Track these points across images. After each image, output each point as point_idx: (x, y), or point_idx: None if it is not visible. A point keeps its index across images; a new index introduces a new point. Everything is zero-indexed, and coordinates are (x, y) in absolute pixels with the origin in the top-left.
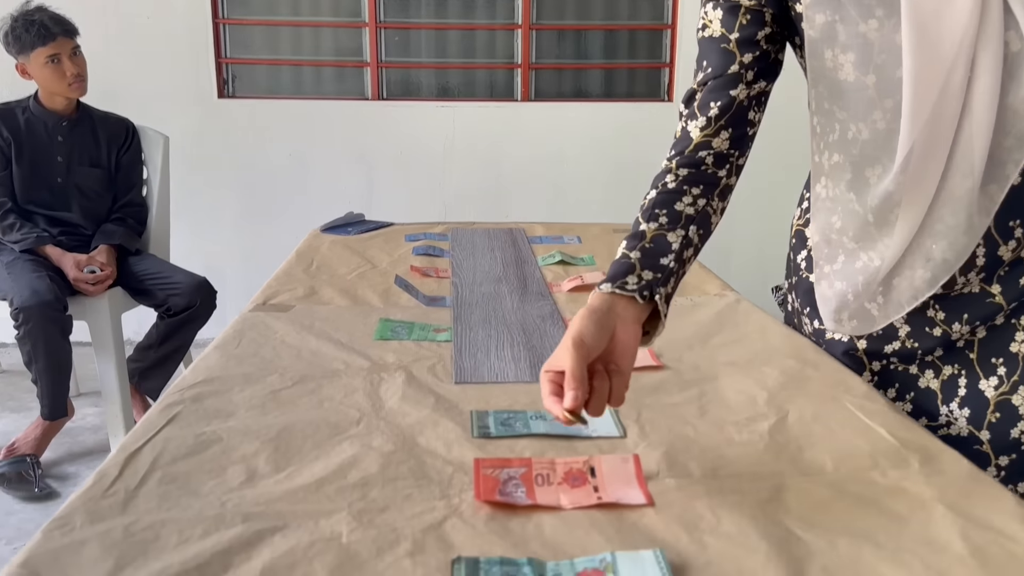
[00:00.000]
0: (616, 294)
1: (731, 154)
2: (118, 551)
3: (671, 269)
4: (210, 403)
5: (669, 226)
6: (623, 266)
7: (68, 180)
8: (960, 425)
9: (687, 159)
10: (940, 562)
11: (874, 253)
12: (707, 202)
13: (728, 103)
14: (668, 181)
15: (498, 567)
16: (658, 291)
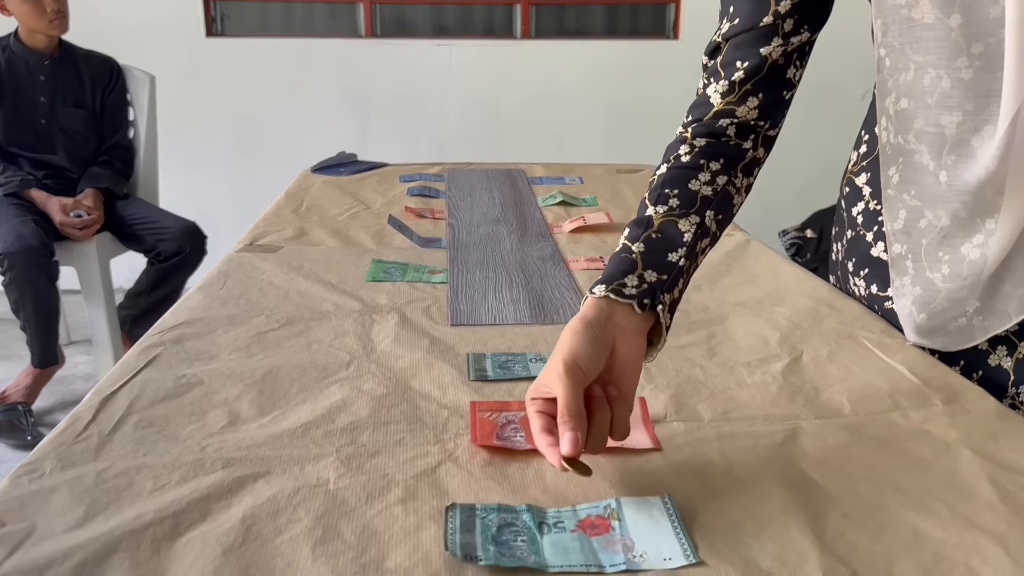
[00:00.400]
0: (612, 300)
1: (759, 125)
2: (89, 498)
3: (680, 268)
4: (192, 345)
5: (681, 210)
6: (622, 263)
7: (52, 121)
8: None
9: (705, 127)
10: (968, 508)
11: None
12: (728, 180)
13: (758, 64)
14: (682, 154)
15: (495, 514)
16: (661, 299)
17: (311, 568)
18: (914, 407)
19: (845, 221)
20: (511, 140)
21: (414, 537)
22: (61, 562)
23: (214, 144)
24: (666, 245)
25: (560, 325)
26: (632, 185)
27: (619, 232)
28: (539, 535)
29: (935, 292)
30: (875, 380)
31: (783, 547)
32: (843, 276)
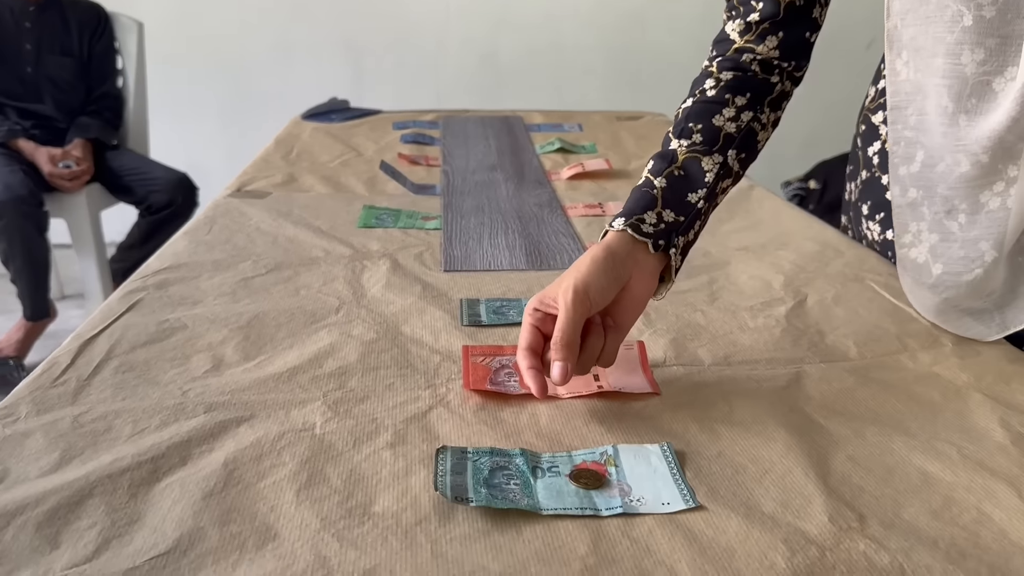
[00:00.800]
0: (631, 235)
1: (782, 65)
2: (65, 442)
3: (698, 210)
4: (175, 290)
5: (704, 146)
6: (643, 197)
7: (38, 70)
8: None
9: (729, 61)
10: (979, 452)
11: (996, 191)
12: (754, 115)
13: (773, 8)
14: (707, 87)
15: (487, 458)
16: (675, 241)
17: (295, 512)
18: (923, 349)
19: (860, 161)
20: (510, 88)
21: (403, 481)
22: (34, 507)
23: (205, 93)
24: (687, 184)
25: (557, 271)
26: (632, 132)
27: (618, 179)
28: (533, 479)
29: (952, 240)
30: (882, 322)
31: (786, 491)
32: (856, 218)
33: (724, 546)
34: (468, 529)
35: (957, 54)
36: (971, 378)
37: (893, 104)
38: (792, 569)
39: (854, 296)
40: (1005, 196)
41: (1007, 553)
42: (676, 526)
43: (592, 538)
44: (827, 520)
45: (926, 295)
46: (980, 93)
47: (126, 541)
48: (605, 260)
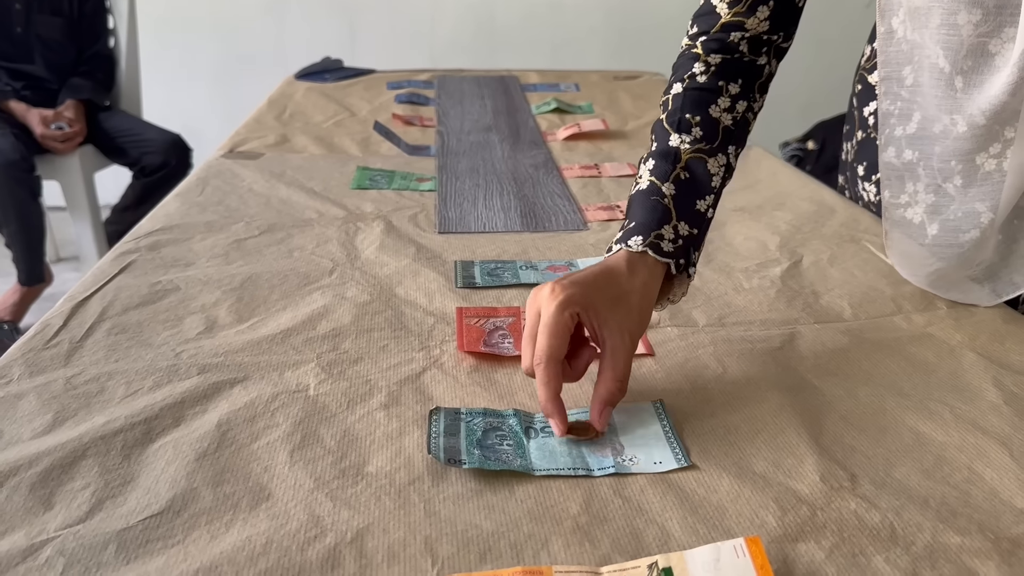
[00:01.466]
0: (650, 255)
1: (772, 38)
2: (58, 404)
3: (708, 220)
4: (168, 251)
5: (706, 142)
6: (656, 209)
7: (28, 29)
8: None
9: (716, 42)
10: (971, 411)
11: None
12: (747, 105)
13: None
14: (697, 72)
15: (481, 418)
16: (693, 259)
17: (288, 473)
18: (917, 310)
19: (856, 121)
20: (506, 50)
21: (396, 442)
22: (27, 468)
23: (198, 53)
24: (695, 190)
25: (552, 232)
26: (630, 91)
27: (615, 139)
28: (526, 439)
29: (947, 199)
30: (878, 283)
31: (778, 450)
32: (851, 179)
33: (715, 505)
34: (461, 489)
35: (954, 12)
36: (965, 338)
37: (888, 64)
38: (783, 528)
39: (849, 257)
40: (1001, 159)
41: (997, 512)
42: (668, 485)
43: (584, 497)
44: (819, 479)
45: (920, 263)
46: (976, 54)
47: (120, 502)
48: (621, 300)
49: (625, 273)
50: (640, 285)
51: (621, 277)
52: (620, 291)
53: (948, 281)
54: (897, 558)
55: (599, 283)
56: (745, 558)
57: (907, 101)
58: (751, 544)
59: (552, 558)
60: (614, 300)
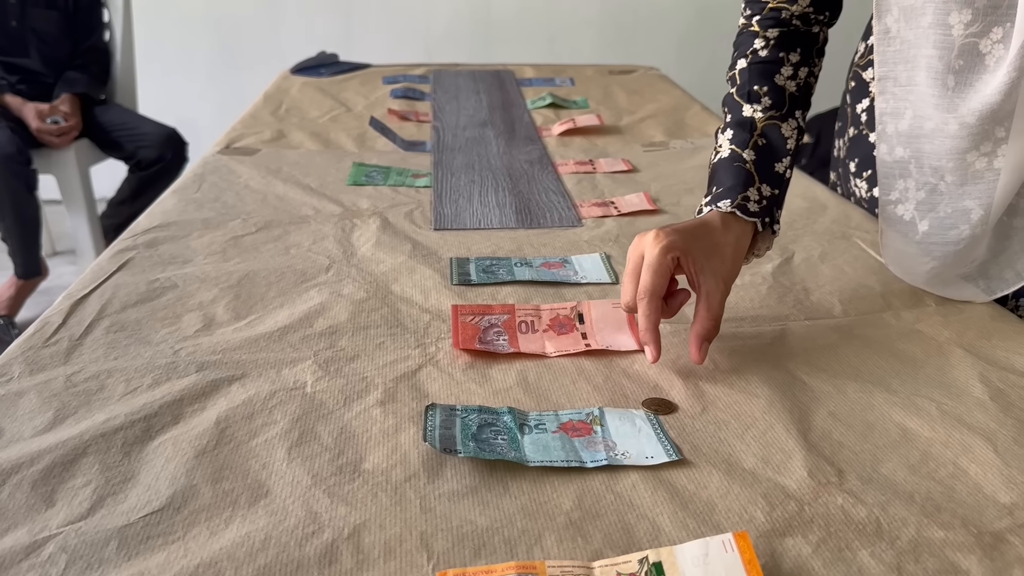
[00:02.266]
0: (737, 216)
1: (819, 17)
2: (58, 402)
3: (786, 180)
4: (165, 249)
5: (776, 109)
6: (739, 173)
7: (23, 23)
8: None
9: (770, 19)
10: (958, 407)
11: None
12: (809, 71)
13: None
14: (758, 48)
15: (475, 415)
16: (776, 216)
17: (286, 470)
18: (906, 307)
19: (848, 117)
20: (501, 41)
21: (393, 438)
22: (29, 465)
23: (193, 47)
24: (772, 154)
25: (547, 229)
26: (624, 86)
27: (609, 135)
28: (520, 435)
29: (938, 196)
30: (868, 280)
31: (767, 446)
32: (844, 175)
33: (705, 500)
34: (456, 485)
35: (945, 12)
36: (953, 335)
37: (885, 64)
38: (771, 523)
39: (840, 253)
40: (992, 156)
41: (980, 506)
42: (659, 481)
43: (577, 493)
44: (806, 475)
45: (914, 262)
46: (968, 54)
47: (120, 499)
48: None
49: (720, 228)
50: (733, 239)
51: (716, 231)
52: (715, 242)
53: (942, 280)
54: (882, 552)
55: (698, 233)
56: (733, 553)
57: (901, 99)
58: (739, 539)
59: (545, 553)
60: (710, 250)
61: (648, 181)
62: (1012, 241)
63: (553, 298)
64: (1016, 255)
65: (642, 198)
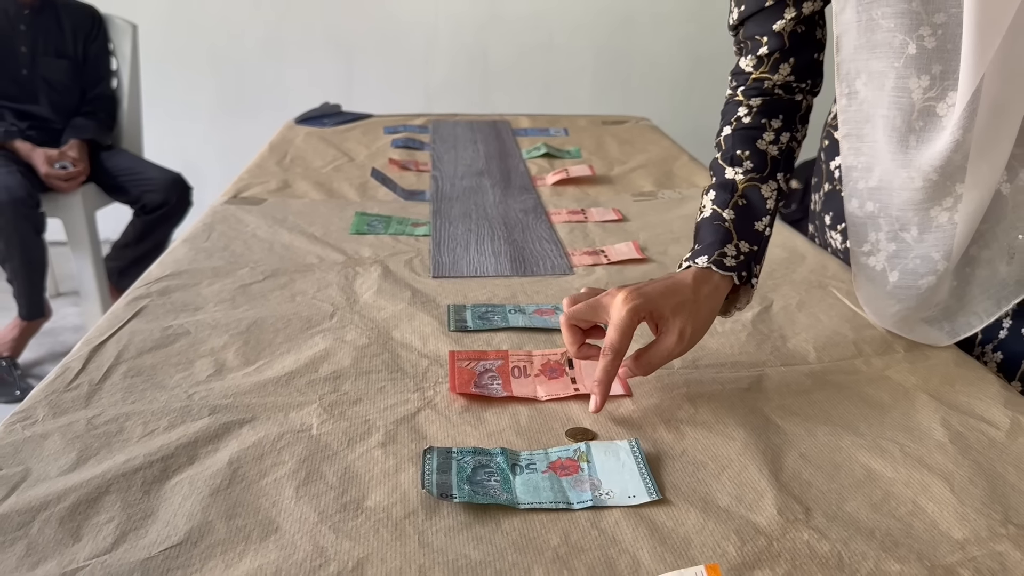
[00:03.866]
0: (714, 271)
1: (799, 85)
2: (81, 443)
3: (766, 238)
4: (178, 296)
5: (756, 172)
6: (718, 231)
7: (34, 71)
8: (990, 370)
9: (753, 89)
10: (919, 449)
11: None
12: (791, 136)
13: (777, 40)
14: (742, 115)
15: (470, 456)
16: (755, 271)
17: (294, 507)
18: (877, 354)
19: (824, 173)
20: (499, 89)
21: (393, 478)
22: (56, 503)
23: (198, 94)
24: (752, 213)
25: (540, 277)
26: (616, 136)
27: (601, 184)
28: (512, 475)
29: (907, 250)
30: (841, 328)
31: (741, 486)
32: (820, 227)
33: (682, 536)
34: (452, 522)
35: (905, 78)
36: (919, 380)
37: (849, 123)
38: (742, 557)
39: (816, 302)
40: (953, 211)
41: (935, 541)
42: (640, 518)
43: (564, 530)
44: (776, 512)
45: (884, 305)
46: (926, 116)
47: (142, 534)
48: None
49: (690, 285)
50: (704, 296)
51: (687, 288)
52: (683, 299)
53: (909, 324)
54: None
55: (666, 292)
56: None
57: (868, 156)
58: (711, 571)
59: None
60: (677, 307)
61: (637, 230)
62: (972, 287)
63: (545, 344)
64: (976, 300)
65: (631, 247)
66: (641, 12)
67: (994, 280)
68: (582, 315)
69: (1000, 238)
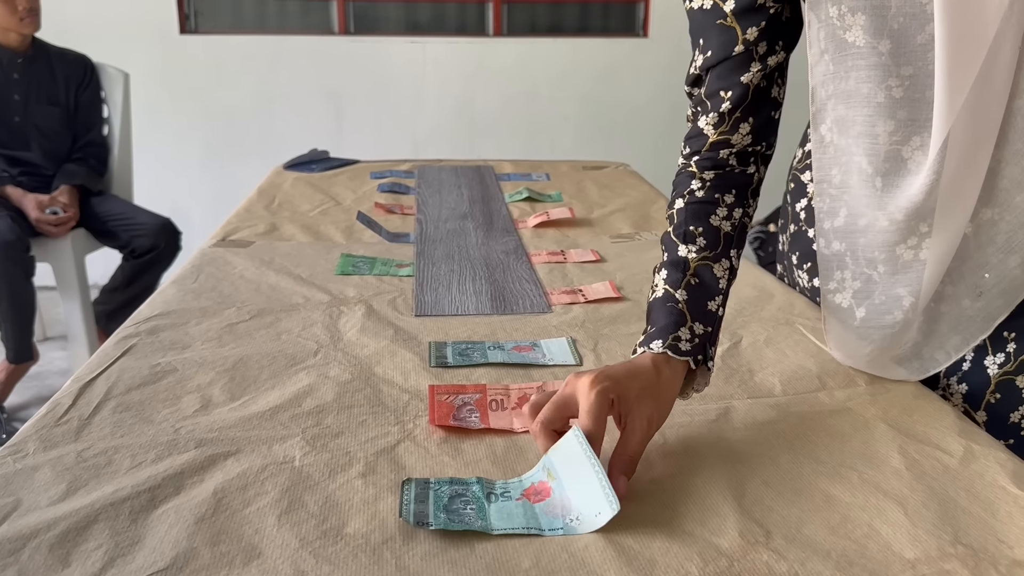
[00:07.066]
0: (669, 356)
1: (756, 148)
2: (71, 475)
3: (719, 318)
4: (166, 335)
5: (709, 250)
6: (672, 313)
7: (26, 119)
8: (956, 401)
9: (707, 160)
10: (876, 476)
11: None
12: (743, 211)
13: (742, 92)
14: (695, 189)
15: (447, 486)
16: (710, 353)
17: (277, 535)
18: (840, 387)
19: (789, 215)
20: (485, 136)
21: (372, 506)
22: (46, 531)
23: (188, 141)
24: (705, 292)
25: (519, 315)
26: (597, 181)
27: (580, 227)
28: (487, 503)
29: (873, 285)
30: (806, 363)
31: (706, 511)
32: (788, 267)
33: (648, 558)
34: (428, 547)
35: (873, 124)
36: (879, 411)
37: (821, 169)
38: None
39: (783, 338)
40: (918, 249)
41: (888, 562)
42: (608, 541)
43: (535, 553)
44: (738, 535)
45: (855, 346)
46: (893, 159)
47: (129, 560)
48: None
49: (651, 370)
50: (665, 379)
51: (648, 373)
52: (646, 384)
53: (880, 363)
54: None
55: (631, 375)
56: None
57: (835, 199)
58: None
59: None
60: (641, 392)
61: (614, 271)
62: (940, 324)
63: (522, 378)
64: (945, 337)
65: (608, 286)
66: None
67: (962, 317)
68: (554, 417)
69: (967, 276)
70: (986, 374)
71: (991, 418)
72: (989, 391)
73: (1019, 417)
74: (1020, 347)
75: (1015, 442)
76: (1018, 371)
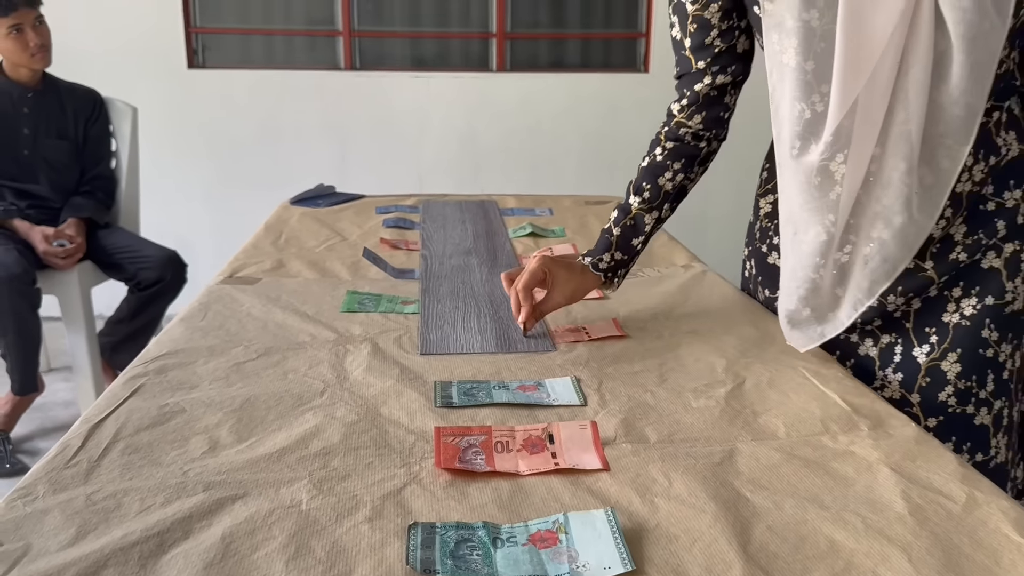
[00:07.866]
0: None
1: (707, 133)
2: (80, 519)
3: (638, 251)
4: (174, 375)
5: (649, 203)
6: (605, 243)
7: (35, 152)
8: (893, 388)
9: (671, 133)
10: (880, 521)
11: (820, 228)
12: (685, 176)
13: (695, 97)
14: (656, 154)
15: (454, 531)
16: (620, 273)
17: None
18: (843, 431)
19: (751, 236)
20: (488, 171)
21: (379, 552)
22: None
23: (195, 174)
24: (633, 233)
25: (523, 354)
26: (599, 216)
27: None
28: (493, 549)
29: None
30: (809, 406)
31: (711, 557)
32: (753, 288)
33: None
34: None
35: (808, 140)
36: (882, 455)
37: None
38: None
39: (786, 381)
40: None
41: None
42: None
43: None
44: None
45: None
46: (823, 174)
47: None
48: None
49: (579, 269)
50: (584, 279)
51: (576, 269)
52: (571, 275)
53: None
54: None
55: (565, 265)
56: None
57: (786, 213)
58: None
59: None
60: (567, 277)
61: (617, 307)
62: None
63: (527, 419)
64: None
65: (611, 324)
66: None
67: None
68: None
69: (864, 227)
70: (916, 363)
71: (923, 399)
72: (920, 375)
73: (946, 396)
74: (941, 338)
75: (944, 419)
76: (941, 357)
